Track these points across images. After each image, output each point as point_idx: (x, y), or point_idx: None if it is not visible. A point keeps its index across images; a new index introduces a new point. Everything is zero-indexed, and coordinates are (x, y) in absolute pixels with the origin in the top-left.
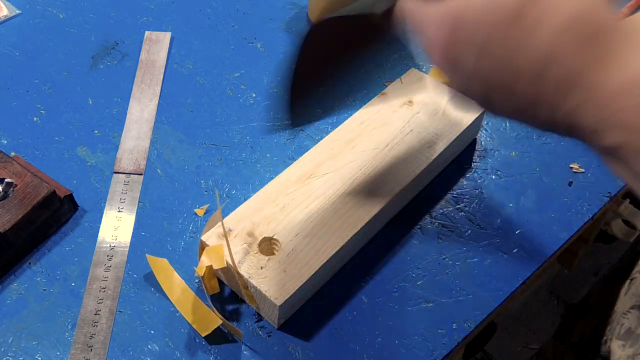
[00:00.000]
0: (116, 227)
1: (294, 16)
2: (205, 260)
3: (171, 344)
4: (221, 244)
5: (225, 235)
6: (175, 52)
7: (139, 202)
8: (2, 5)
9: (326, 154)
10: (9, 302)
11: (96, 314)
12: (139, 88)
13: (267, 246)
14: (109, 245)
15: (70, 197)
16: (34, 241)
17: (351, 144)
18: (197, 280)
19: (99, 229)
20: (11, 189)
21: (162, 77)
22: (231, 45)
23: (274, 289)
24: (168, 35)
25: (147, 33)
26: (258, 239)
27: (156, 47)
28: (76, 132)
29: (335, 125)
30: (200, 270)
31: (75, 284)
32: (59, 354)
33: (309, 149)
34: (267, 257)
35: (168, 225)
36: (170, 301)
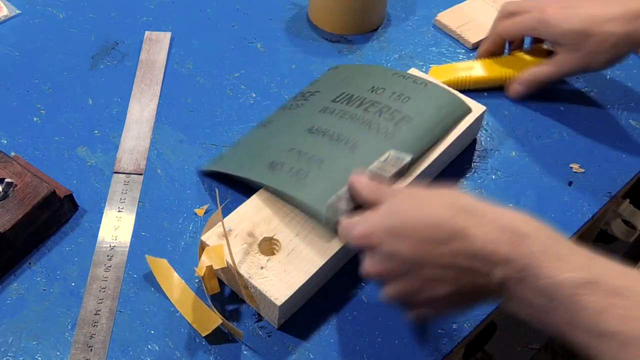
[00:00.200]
0: (116, 227)
1: (294, 16)
2: (206, 260)
3: (171, 344)
4: (221, 244)
5: (226, 235)
6: (175, 52)
7: (139, 202)
8: (2, 5)
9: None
10: (9, 302)
11: (96, 314)
12: (139, 88)
13: (268, 246)
14: (109, 245)
15: (70, 197)
16: (34, 241)
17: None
18: (197, 280)
19: (99, 229)
20: (11, 189)
21: (162, 77)
22: (231, 45)
23: (274, 289)
24: (168, 35)
25: (147, 33)
26: (258, 239)
27: (156, 47)
28: (76, 132)
29: None
30: (201, 270)
31: (75, 284)
32: (59, 354)
33: None
34: (267, 257)
35: (168, 225)
36: (170, 301)
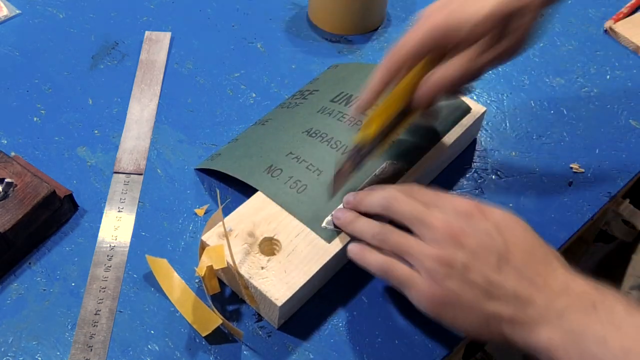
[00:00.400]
0: (116, 227)
1: (294, 16)
2: (206, 260)
3: (171, 344)
4: (222, 244)
5: (226, 235)
6: (175, 52)
7: (139, 202)
8: (2, 5)
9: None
10: (9, 302)
11: (96, 314)
12: (139, 88)
13: (268, 246)
14: (109, 245)
15: (70, 197)
16: (34, 241)
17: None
18: (197, 280)
19: (99, 229)
20: (11, 189)
21: (162, 77)
22: (231, 45)
23: (274, 289)
24: (168, 35)
25: (147, 33)
26: (259, 239)
27: (156, 47)
28: (76, 132)
29: None
30: (201, 270)
31: (75, 284)
32: (59, 354)
33: None
34: (267, 258)
35: (168, 225)
36: (170, 301)
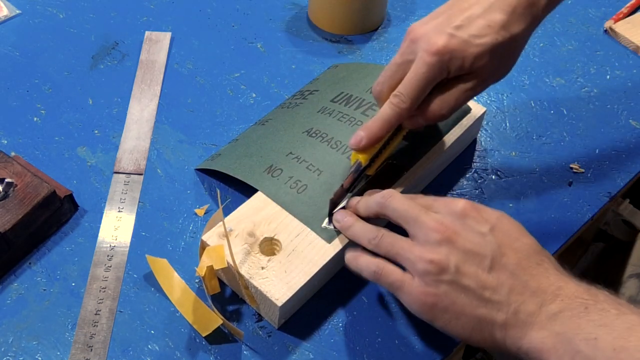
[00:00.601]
0: (116, 227)
1: (294, 16)
2: (206, 260)
3: (171, 344)
4: (222, 244)
5: (227, 235)
6: (175, 52)
7: (139, 202)
8: (2, 5)
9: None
10: (9, 302)
11: (96, 314)
12: (139, 88)
13: (268, 246)
14: (109, 245)
15: (70, 197)
16: (34, 241)
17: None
18: (197, 280)
19: (99, 229)
20: (11, 189)
21: (162, 77)
22: (231, 45)
23: (274, 289)
24: (168, 35)
25: (147, 33)
26: (259, 239)
27: (156, 47)
28: (76, 132)
29: None
30: (201, 270)
31: (75, 284)
32: (59, 354)
33: None
34: (267, 258)
35: (168, 225)
36: (170, 301)
